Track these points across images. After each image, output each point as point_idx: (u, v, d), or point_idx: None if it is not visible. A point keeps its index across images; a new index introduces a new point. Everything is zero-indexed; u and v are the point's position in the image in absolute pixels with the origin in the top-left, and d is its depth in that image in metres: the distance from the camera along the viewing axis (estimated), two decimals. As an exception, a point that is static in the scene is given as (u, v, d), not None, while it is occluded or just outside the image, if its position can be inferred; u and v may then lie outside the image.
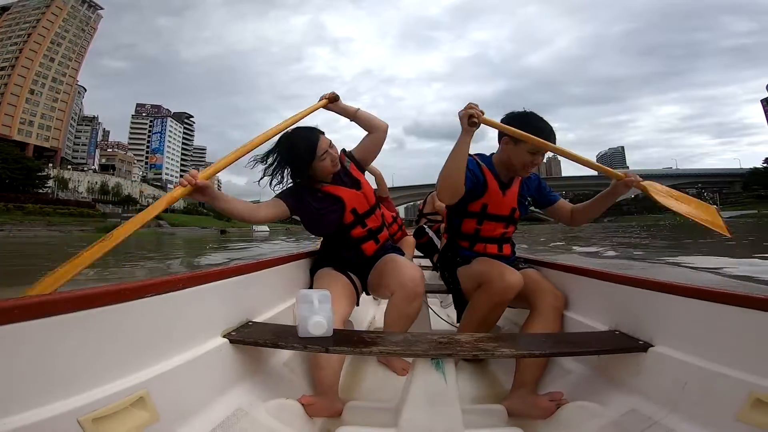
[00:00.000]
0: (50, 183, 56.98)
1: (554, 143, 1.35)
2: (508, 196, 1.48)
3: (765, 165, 78.32)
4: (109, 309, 0.71)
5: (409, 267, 1.37)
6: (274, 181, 1.43)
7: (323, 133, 1.44)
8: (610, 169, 1.36)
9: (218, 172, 1.17)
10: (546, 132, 1.35)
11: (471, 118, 1.21)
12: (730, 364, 0.81)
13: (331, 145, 1.42)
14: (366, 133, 1.57)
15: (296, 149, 1.37)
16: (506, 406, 1.11)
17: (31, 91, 69.32)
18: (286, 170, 1.43)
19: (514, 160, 1.41)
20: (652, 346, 1.00)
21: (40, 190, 53.71)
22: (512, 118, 1.39)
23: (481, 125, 1.25)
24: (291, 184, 1.47)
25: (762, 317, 0.77)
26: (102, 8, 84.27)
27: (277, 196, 1.43)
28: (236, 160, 1.20)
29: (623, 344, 1.05)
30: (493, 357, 1.28)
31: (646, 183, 1.32)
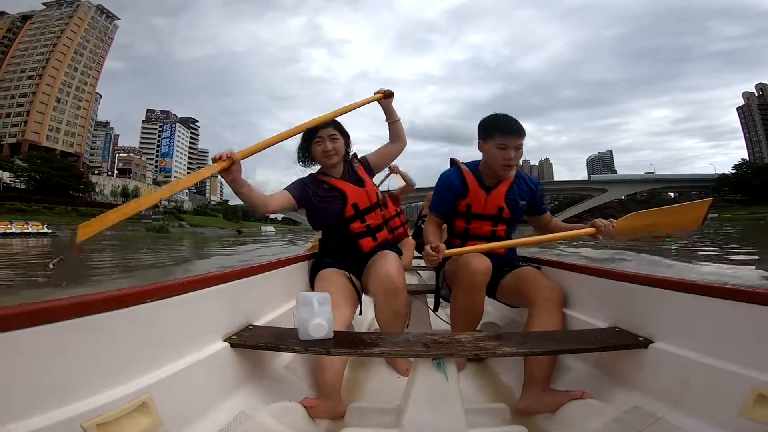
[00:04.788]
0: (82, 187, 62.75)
1: (519, 138, 1.40)
2: (493, 196, 1.50)
3: (733, 171, 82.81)
4: (110, 315, 0.70)
5: (387, 264, 1.36)
6: (300, 162, 1.53)
7: (339, 127, 1.48)
8: (581, 231, 1.41)
9: (256, 153, 1.18)
10: (507, 128, 1.39)
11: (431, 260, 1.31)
12: (731, 360, 0.79)
13: (332, 137, 1.44)
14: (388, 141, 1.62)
15: (306, 128, 1.38)
16: (519, 405, 1.09)
17: (58, 100, 71.52)
18: (301, 152, 1.51)
19: (491, 161, 1.45)
20: (652, 342, 0.98)
21: (82, 195, 59.35)
22: (483, 122, 1.48)
23: None
24: (301, 177, 1.52)
25: (763, 312, 0.75)
26: (119, 18, 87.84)
27: (285, 188, 1.46)
28: (279, 142, 1.23)
29: (624, 341, 1.03)
30: (494, 356, 1.24)
31: (618, 224, 1.35)
